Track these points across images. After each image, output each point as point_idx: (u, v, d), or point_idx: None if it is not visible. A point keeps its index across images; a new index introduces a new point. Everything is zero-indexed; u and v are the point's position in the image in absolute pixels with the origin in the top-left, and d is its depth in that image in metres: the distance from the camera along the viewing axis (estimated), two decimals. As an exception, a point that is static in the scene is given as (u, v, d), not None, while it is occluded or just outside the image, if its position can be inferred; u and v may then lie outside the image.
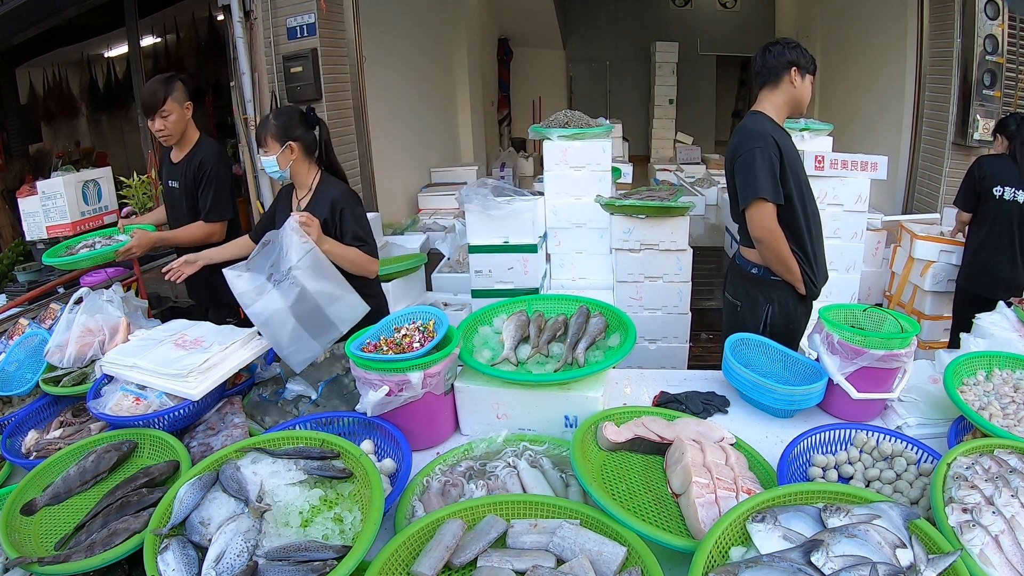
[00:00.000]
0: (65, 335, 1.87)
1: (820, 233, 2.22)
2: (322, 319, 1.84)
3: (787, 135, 2.17)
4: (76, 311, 1.92)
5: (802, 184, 2.15)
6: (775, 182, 2.05)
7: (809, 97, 2.17)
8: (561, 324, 1.75)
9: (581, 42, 10.82)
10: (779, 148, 2.06)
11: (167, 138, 2.59)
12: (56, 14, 5.53)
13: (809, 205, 2.18)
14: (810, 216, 2.17)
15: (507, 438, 1.46)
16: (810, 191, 2.20)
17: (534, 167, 8.13)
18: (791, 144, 2.15)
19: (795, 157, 2.15)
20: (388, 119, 5.53)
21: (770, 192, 2.03)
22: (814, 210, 2.20)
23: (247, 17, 4.18)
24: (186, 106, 2.57)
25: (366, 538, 1.03)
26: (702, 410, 1.65)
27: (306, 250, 1.86)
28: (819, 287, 2.24)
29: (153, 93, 2.49)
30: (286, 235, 1.85)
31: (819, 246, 2.22)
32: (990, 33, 4.26)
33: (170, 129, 2.54)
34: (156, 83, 2.51)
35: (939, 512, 1.05)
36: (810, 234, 2.16)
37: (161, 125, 2.53)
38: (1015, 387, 1.49)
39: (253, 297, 1.79)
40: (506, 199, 3.26)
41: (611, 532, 1.09)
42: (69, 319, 1.91)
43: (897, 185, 5.06)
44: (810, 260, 2.16)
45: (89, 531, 1.20)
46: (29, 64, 6.81)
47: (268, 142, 2.13)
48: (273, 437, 1.36)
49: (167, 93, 2.49)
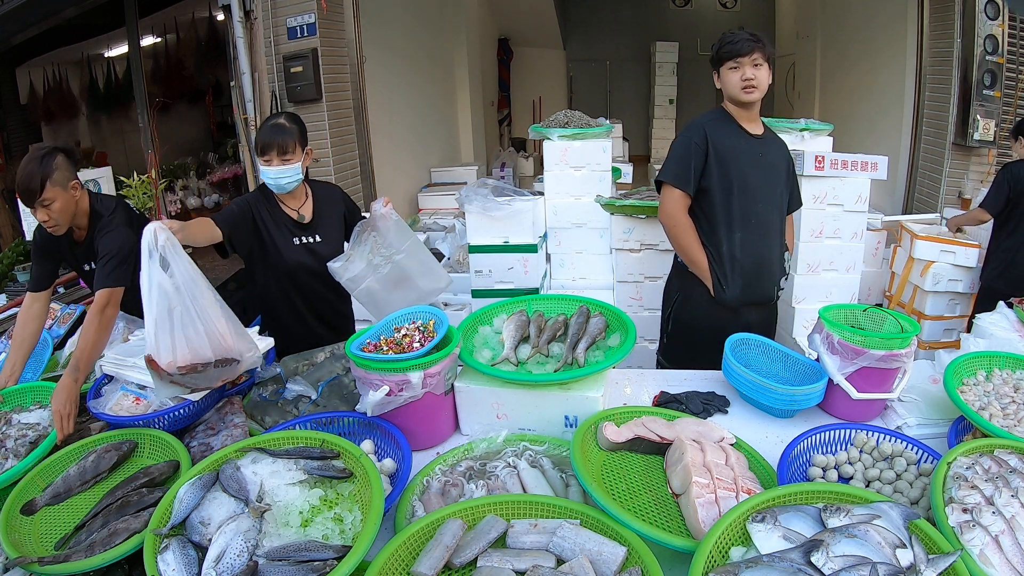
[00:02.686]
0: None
1: (757, 238, 2.10)
2: (417, 292, 2.16)
3: (737, 132, 2.08)
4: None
5: (736, 183, 2.06)
6: (685, 170, 2.06)
7: (735, 85, 2.02)
8: (561, 324, 1.75)
9: (581, 42, 10.82)
10: (707, 140, 2.05)
11: (55, 228, 2.04)
12: (56, 14, 5.53)
13: (744, 205, 2.07)
14: (739, 217, 2.07)
15: (507, 438, 1.46)
16: (756, 193, 2.08)
17: (534, 167, 8.12)
18: (737, 142, 2.07)
19: (735, 154, 2.06)
20: (388, 119, 5.53)
21: (673, 178, 2.07)
22: (753, 213, 2.08)
23: (247, 17, 4.18)
24: (72, 186, 2.02)
25: (366, 538, 1.03)
26: (702, 410, 1.65)
27: (409, 237, 2.14)
28: (730, 293, 2.11)
29: (29, 179, 1.94)
30: (383, 225, 2.08)
31: (745, 250, 2.09)
32: (990, 33, 4.26)
33: (56, 218, 2.00)
34: (31, 164, 1.97)
35: (939, 512, 1.05)
36: (731, 235, 2.08)
37: (44, 216, 1.99)
38: (1015, 387, 1.49)
39: (359, 282, 2.09)
40: (506, 199, 3.25)
41: (611, 532, 1.09)
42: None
43: (897, 185, 5.06)
44: (722, 260, 2.10)
45: (89, 531, 1.20)
46: (29, 64, 6.81)
47: (293, 148, 2.03)
48: (273, 437, 1.36)
49: (44, 176, 1.95)
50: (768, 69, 2.03)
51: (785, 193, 2.20)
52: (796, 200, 2.30)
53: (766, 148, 2.14)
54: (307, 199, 2.20)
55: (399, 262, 2.11)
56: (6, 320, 2.95)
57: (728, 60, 2.02)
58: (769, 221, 2.13)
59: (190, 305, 1.45)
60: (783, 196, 2.19)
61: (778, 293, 2.26)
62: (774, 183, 2.14)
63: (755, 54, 1.98)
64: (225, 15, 4.27)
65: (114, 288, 1.97)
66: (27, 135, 6.99)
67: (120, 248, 2.02)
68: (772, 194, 2.14)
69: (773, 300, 2.26)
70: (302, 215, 2.18)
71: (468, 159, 7.90)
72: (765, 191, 2.11)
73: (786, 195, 2.21)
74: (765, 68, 2.02)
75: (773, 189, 2.14)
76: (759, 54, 1.99)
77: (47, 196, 1.96)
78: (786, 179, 2.20)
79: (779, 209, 2.18)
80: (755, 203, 2.10)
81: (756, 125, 2.14)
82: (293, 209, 2.17)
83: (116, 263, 2.01)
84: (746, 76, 1.99)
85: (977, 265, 3.56)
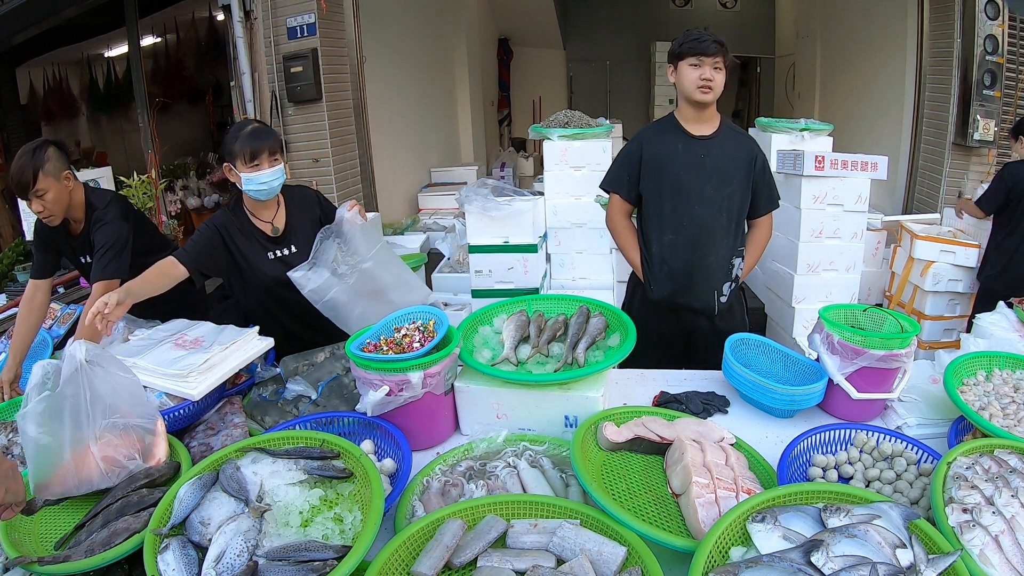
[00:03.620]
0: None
1: (690, 240, 2.09)
2: (390, 306, 1.92)
3: (678, 136, 2.08)
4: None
5: (669, 186, 2.07)
6: (619, 176, 2.19)
7: (692, 82, 1.99)
8: (561, 324, 1.75)
9: (581, 42, 10.80)
10: (641, 148, 2.11)
11: (51, 219, 2.13)
12: (56, 14, 5.52)
13: (676, 207, 2.06)
14: (670, 220, 2.08)
15: (507, 438, 1.46)
16: (692, 195, 2.06)
17: (534, 167, 8.11)
18: (675, 146, 2.07)
19: (671, 158, 2.07)
20: (388, 119, 5.53)
21: (608, 184, 2.24)
22: (687, 215, 2.07)
23: (247, 17, 4.18)
24: (64, 176, 2.10)
25: (366, 538, 1.03)
26: (702, 410, 1.65)
27: (377, 243, 2.02)
28: (657, 294, 2.15)
29: (21, 171, 2.03)
30: (348, 230, 1.97)
31: (675, 252, 2.10)
32: (990, 33, 4.25)
33: (50, 208, 2.09)
34: (23, 157, 2.04)
35: (939, 512, 1.05)
36: (661, 237, 2.11)
37: (39, 207, 2.08)
38: (1015, 387, 1.49)
39: (323, 293, 1.93)
40: (506, 199, 3.25)
41: (611, 532, 1.09)
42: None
43: (897, 185, 5.06)
44: (651, 263, 2.17)
45: (89, 531, 1.20)
46: (29, 64, 6.81)
47: (277, 148, 1.98)
48: (273, 437, 1.36)
49: (36, 167, 2.02)
50: (725, 75, 2.02)
51: (738, 194, 2.09)
52: (765, 201, 2.17)
53: (712, 149, 2.07)
54: (279, 208, 2.10)
55: (367, 271, 1.98)
56: (6, 320, 2.95)
57: (691, 56, 2.00)
58: (707, 224, 2.08)
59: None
60: (733, 197, 2.09)
61: (720, 301, 2.16)
62: (719, 185, 2.07)
63: (718, 58, 1.98)
64: (225, 15, 4.27)
65: (110, 280, 2.03)
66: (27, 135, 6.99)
67: (115, 241, 2.07)
68: (716, 196, 2.07)
69: (713, 309, 2.16)
70: (276, 227, 2.07)
71: (468, 159, 7.90)
72: (705, 194, 2.07)
73: (740, 197, 2.10)
74: (723, 73, 2.01)
75: (718, 191, 2.07)
76: (721, 59, 1.99)
77: (40, 187, 2.04)
78: (743, 179, 2.10)
79: (724, 212, 2.09)
80: (690, 205, 2.07)
81: (706, 126, 2.09)
82: (266, 222, 2.07)
83: (112, 256, 2.05)
84: (705, 76, 1.98)
85: (976, 265, 3.56)
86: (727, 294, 2.17)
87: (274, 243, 2.08)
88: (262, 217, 2.07)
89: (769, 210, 2.21)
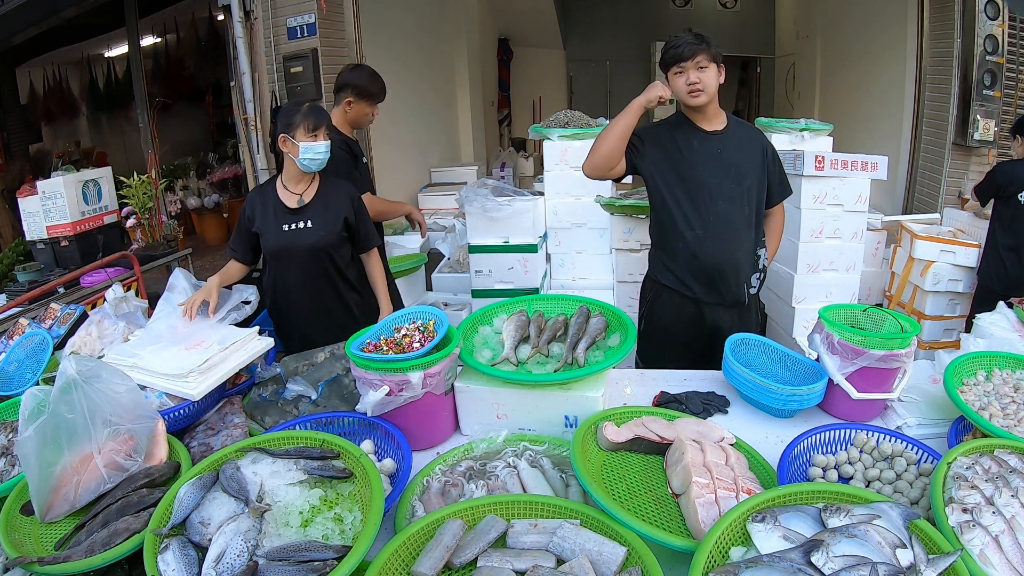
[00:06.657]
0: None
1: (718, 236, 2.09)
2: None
3: (692, 131, 2.10)
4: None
5: (692, 187, 2.08)
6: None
7: (681, 90, 2.01)
8: (561, 324, 1.75)
9: (581, 42, 10.80)
10: (642, 136, 2.12)
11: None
12: (56, 14, 5.53)
13: (700, 208, 2.08)
14: (696, 220, 2.10)
15: (507, 438, 1.46)
16: (714, 190, 2.08)
17: (534, 167, 8.12)
18: (690, 140, 2.09)
19: (688, 152, 2.08)
20: (388, 119, 5.51)
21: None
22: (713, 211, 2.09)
23: (247, 17, 4.18)
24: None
25: (366, 538, 1.03)
26: (702, 410, 1.65)
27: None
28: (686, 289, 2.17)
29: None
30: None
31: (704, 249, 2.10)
32: (990, 33, 4.25)
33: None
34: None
35: (939, 512, 1.05)
36: (687, 236, 2.12)
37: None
38: (1015, 387, 1.49)
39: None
40: (506, 199, 3.26)
41: (611, 532, 1.09)
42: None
43: (897, 185, 5.06)
44: (675, 260, 2.17)
45: (89, 531, 1.20)
46: (29, 64, 6.82)
47: (329, 129, 2.13)
48: (273, 437, 1.36)
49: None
50: (716, 69, 2.00)
51: (756, 187, 2.11)
52: (779, 190, 2.21)
53: (725, 144, 2.08)
54: (311, 184, 2.22)
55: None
56: (6, 320, 2.94)
57: (672, 65, 2.00)
58: (732, 220, 2.08)
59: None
60: (752, 190, 2.10)
61: (750, 293, 2.18)
62: (738, 179, 2.08)
63: (698, 57, 1.96)
64: (225, 15, 4.27)
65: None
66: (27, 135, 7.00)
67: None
68: (736, 191, 2.08)
69: (744, 301, 2.17)
70: (302, 199, 2.19)
71: (468, 159, 7.89)
72: (726, 189, 2.08)
73: (757, 189, 2.12)
74: (712, 69, 1.99)
75: (738, 185, 2.08)
76: (703, 56, 1.96)
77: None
78: (759, 172, 2.12)
79: (746, 205, 2.10)
80: (714, 202, 2.07)
81: (714, 122, 2.10)
82: (295, 193, 2.19)
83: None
84: (690, 80, 1.98)
85: (976, 265, 3.56)
86: (756, 285, 2.20)
87: (291, 215, 2.19)
88: (294, 189, 2.20)
89: (783, 198, 2.24)
